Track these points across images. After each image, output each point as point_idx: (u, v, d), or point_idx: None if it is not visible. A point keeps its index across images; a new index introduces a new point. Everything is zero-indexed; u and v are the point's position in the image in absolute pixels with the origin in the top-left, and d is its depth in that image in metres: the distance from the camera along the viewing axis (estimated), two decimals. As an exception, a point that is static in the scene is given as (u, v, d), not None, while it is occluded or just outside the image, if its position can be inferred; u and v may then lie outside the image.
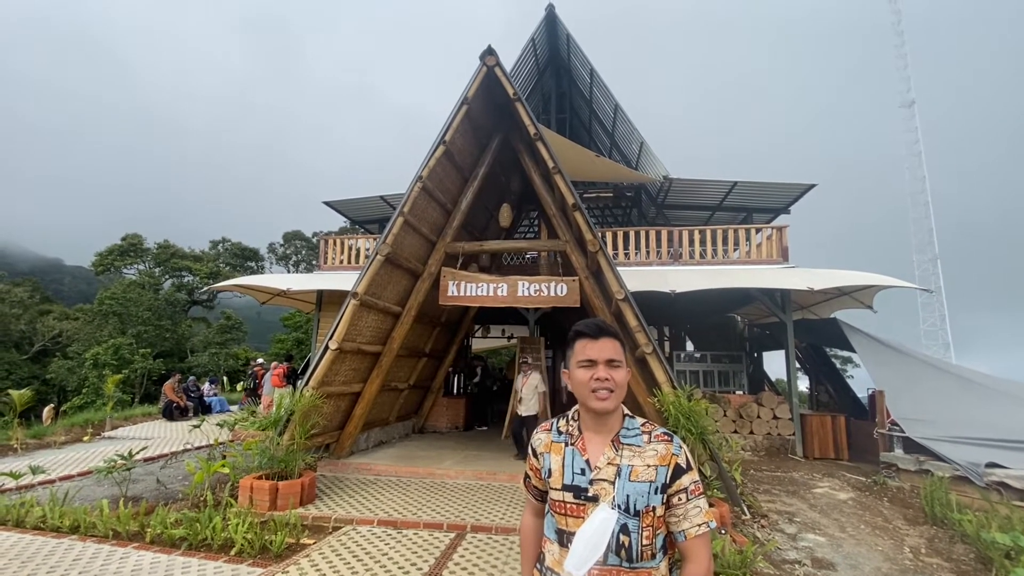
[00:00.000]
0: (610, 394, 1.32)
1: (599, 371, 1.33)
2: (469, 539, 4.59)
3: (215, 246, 34.35)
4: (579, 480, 1.34)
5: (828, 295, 9.92)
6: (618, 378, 1.34)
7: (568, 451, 1.39)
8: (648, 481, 1.28)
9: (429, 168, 6.31)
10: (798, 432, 9.11)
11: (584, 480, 1.33)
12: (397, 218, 6.22)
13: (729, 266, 10.12)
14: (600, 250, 5.87)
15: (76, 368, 22.84)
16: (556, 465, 1.39)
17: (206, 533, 4.33)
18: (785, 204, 13.83)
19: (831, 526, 5.46)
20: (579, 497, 1.32)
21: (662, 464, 1.29)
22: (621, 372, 1.35)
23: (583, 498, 1.32)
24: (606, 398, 1.32)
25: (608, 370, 1.33)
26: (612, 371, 1.33)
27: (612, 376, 1.33)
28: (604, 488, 1.30)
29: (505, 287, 7.12)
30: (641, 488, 1.28)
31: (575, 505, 1.32)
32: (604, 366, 1.33)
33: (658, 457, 1.30)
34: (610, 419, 1.37)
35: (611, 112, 15.85)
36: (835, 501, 6.37)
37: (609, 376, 1.32)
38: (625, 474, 1.29)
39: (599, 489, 1.31)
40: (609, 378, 1.32)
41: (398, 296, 7.13)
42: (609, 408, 1.33)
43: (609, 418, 1.36)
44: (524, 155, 7.29)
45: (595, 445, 1.36)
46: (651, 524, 1.27)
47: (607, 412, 1.35)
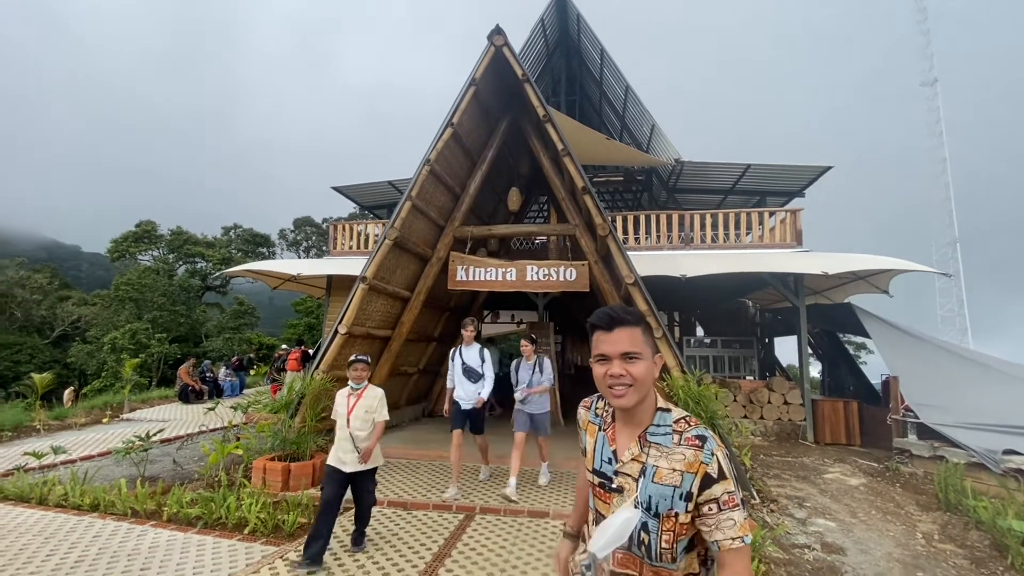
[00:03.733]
0: (627, 389, 1.22)
1: (613, 367, 1.23)
2: (478, 520, 4.64)
3: (227, 232, 34.63)
4: (606, 468, 1.32)
5: (843, 279, 9.76)
6: (636, 372, 1.22)
7: (600, 436, 1.36)
8: (672, 486, 1.19)
9: (437, 151, 6.25)
10: (809, 417, 9.04)
11: (610, 470, 1.30)
12: (405, 202, 6.19)
13: (741, 250, 9.97)
14: (610, 234, 5.80)
15: (95, 352, 23.34)
16: (590, 446, 1.38)
17: (220, 512, 4.42)
18: (800, 187, 13.56)
19: (842, 511, 5.44)
20: (605, 486, 1.31)
21: (689, 471, 1.18)
22: (640, 365, 1.22)
23: (608, 488, 1.30)
24: (622, 394, 1.23)
25: (624, 364, 1.22)
26: (628, 365, 1.22)
27: (629, 371, 1.22)
28: (628, 483, 1.26)
29: (514, 272, 7.09)
30: (665, 491, 1.20)
31: (602, 491, 1.32)
32: (619, 361, 1.22)
33: (685, 463, 1.19)
34: (639, 412, 1.28)
35: (622, 94, 15.57)
36: (846, 486, 6.33)
37: (624, 371, 1.22)
38: (649, 474, 1.23)
39: (623, 482, 1.27)
40: (624, 373, 1.22)
41: (407, 281, 7.13)
42: (627, 405, 1.24)
43: (637, 411, 1.27)
44: (533, 138, 7.19)
45: (624, 437, 1.31)
46: (672, 529, 1.19)
47: (628, 408, 1.26)
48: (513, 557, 3.83)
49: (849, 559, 4.32)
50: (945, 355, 8.23)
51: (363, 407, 3.93)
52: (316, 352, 10.71)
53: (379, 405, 4.01)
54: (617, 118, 17.17)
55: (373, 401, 3.99)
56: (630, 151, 13.21)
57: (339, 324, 6.13)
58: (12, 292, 26.89)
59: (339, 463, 3.81)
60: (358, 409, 3.91)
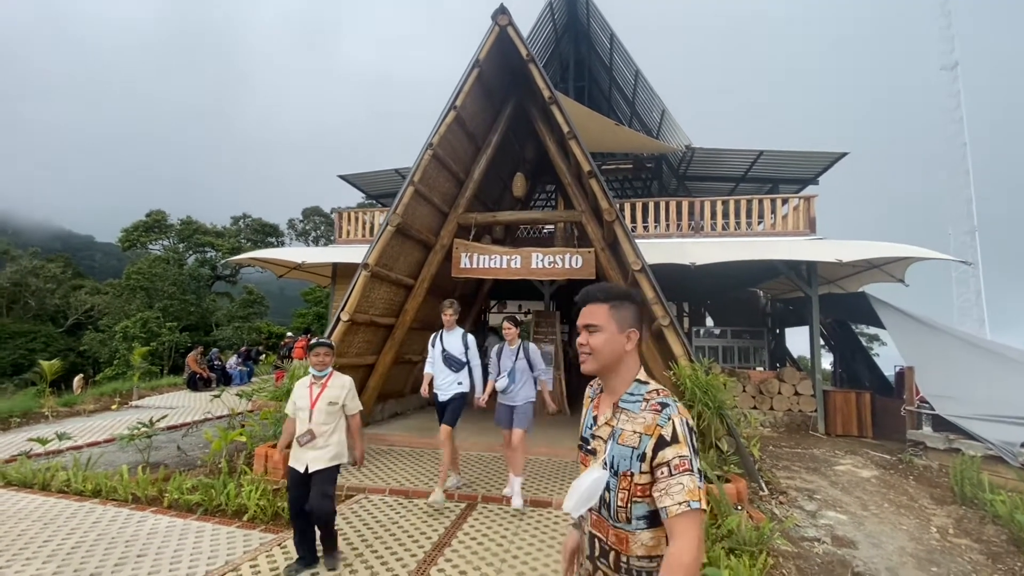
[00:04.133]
0: (588, 357, 1.36)
1: (580, 337, 1.38)
2: (480, 509, 4.57)
3: (236, 222, 34.76)
4: (586, 433, 1.45)
5: (857, 268, 9.51)
6: (594, 343, 1.35)
7: (590, 406, 1.49)
8: (631, 447, 1.27)
9: (439, 135, 6.11)
10: (820, 408, 8.87)
11: (588, 434, 1.44)
12: (407, 187, 6.07)
13: (753, 238, 9.75)
14: (616, 219, 5.65)
15: (107, 340, 23.64)
16: (583, 418, 1.53)
17: (221, 499, 4.39)
18: (814, 174, 13.25)
19: (853, 504, 5.30)
20: (583, 448, 1.45)
21: (646, 433, 1.25)
22: (599, 337, 1.34)
23: (586, 451, 1.43)
24: (584, 361, 1.37)
25: (586, 335, 1.36)
26: (589, 336, 1.36)
27: (588, 341, 1.36)
28: (600, 446, 1.37)
29: (519, 259, 6.96)
30: (624, 452, 1.28)
31: (583, 455, 1.45)
32: (583, 332, 1.37)
33: (644, 425, 1.26)
34: (617, 383, 1.37)
35: (631, 79, 15.27)
36: (858, 479, 6.19)
37: (586, 341, 1.36)
38: (616, 436, 1.32)
39: (596, 445, 1.38)
40: (585, 343, 1.36)
41: (410, 268, 7.04)
42: (587, 371, 1.38)
43: (616, 382, 1.37)
44: (539, 121, 7.02)
45: (605, 405, 1.41)
46: (627, 488, 1.26)
47: (590, 375, 1.42)
48: (514, 547, 3.76)
49: (860, 553, 4.20)
50: (962, 345, 7.99)
51: (327, 398, 3.43)
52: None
53: (348, 395, 3.52)
54: (627, 104, 16.86)
55: (340, 391, 3.50)
56: (639, 137, 12.95)
57: (341, 311, 6.06)
58: (26, 281, 27.28)
59: (299, 463, 3.34)
60: (322, 401, 3.41)
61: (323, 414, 3.38)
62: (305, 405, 3.41)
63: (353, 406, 3.56)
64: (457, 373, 4.78)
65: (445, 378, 4.79)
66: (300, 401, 3.44)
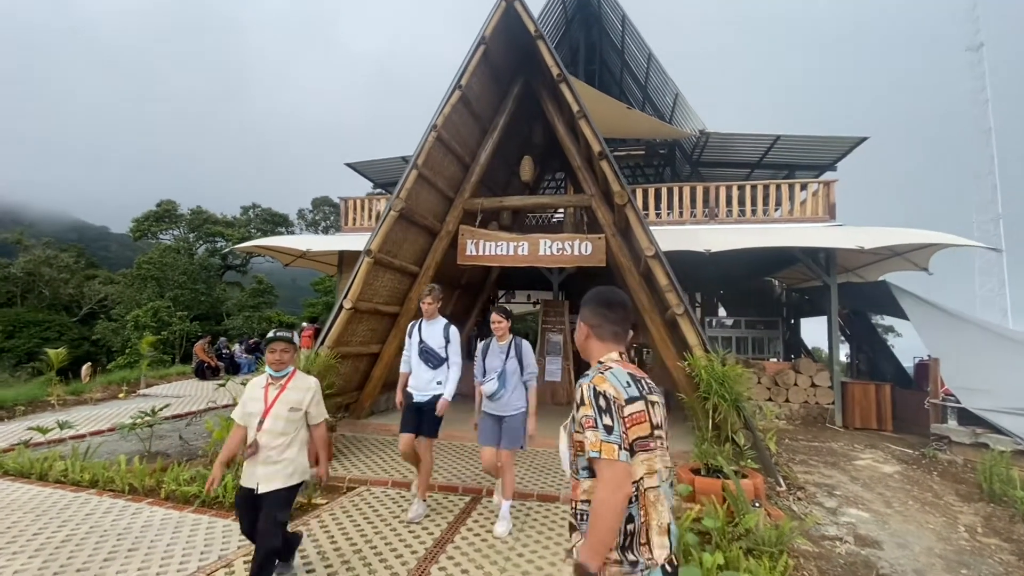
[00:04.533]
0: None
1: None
2: (485, 503, 4.40)
3: (246, 212, 34.81)
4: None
5: (878, 256, 9.15)
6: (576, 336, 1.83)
7: None
8: (572, 412, 1.54)
9: (444, 116, 5.88)
10: (838, 401, 8.59)
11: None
12: (411, 171, 5.86)
13: (770, 224, 9.42)
14: (628, 202, 5.39)
15: (119, 329, 23.86)
16: None
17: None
18: (832, 160, 12.85)
19: (875, 501, 5.06)
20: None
21: (574, 399, 1.54)
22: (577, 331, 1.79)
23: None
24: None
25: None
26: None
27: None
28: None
29: (526, 245, 6.74)
30: (572, 415, 1.55)
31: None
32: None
33: (577, 395, 1.51)
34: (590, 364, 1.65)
35: (644, 63, 14.86)
36: (879, 474, 5.93)
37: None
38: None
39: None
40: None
41: (415, 255, 6.85)
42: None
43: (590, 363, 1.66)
44: (547, 102, 6.76)
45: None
46: (572, 445, 1.55)
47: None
48: (519, 545, 3.58)
49: (886, 554, 3.97)
50: (989, 336, 7.65)
51: (287, 403, 2.80)
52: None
53: (312, 400, 2.90)
54: (639, 88, 16.44)
55: (303, 395, 2.86)
56: (651, 122, 12.60)
57: (344, 299, 5.90)
58: (39, 271, 27.56)
59: (250, 480, 2.74)
60: (279, 406, 2.78)
61: (280, 422, 2.76)
62: (258, 410, 2.78)
63: (318, 413, 2.96)
64: (436, 370, 4.07)
65: (422, 376, 4.08)
66: (252, 405, 2.81)
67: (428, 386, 4.06)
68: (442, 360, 4.08)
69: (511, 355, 3.88)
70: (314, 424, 2.96)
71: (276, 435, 2.76)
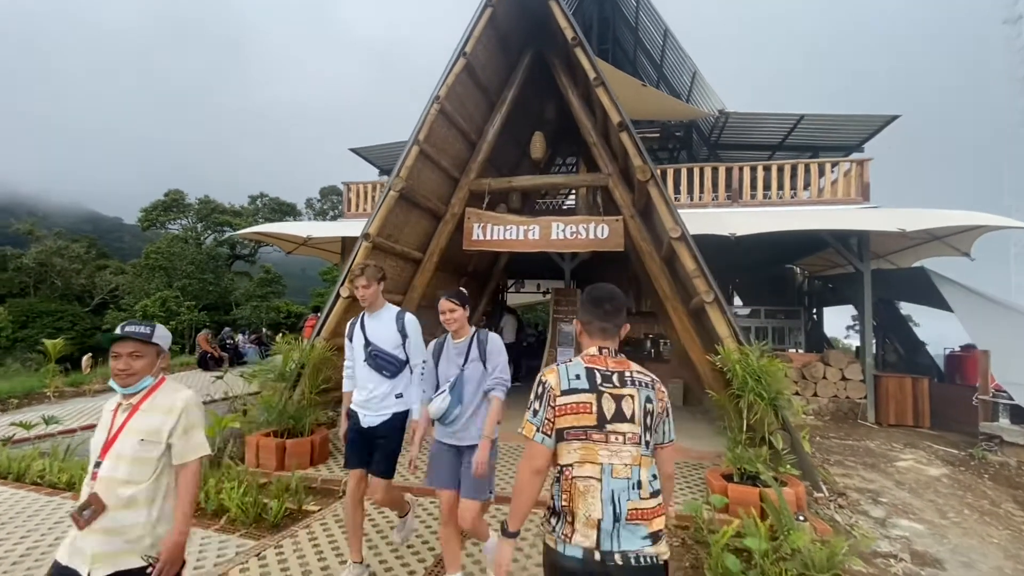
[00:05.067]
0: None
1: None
2: (493, 512, 3.98)
3: (254, 201, 34.62)
4: None
5: (915, 240, 8.51)
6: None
7: None
8: None
9: (447, 86, 5.38)
10: (870, 395, 8.04)
11: None
12: (411, 147, 5.38)
13: (797, 207, 8.81)
14: (652, 178, 4.87)
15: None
16: None
17: (200, 497, 3.88)
18: (859, 141, 12.17)
19: (927, 509, 4.56)
20: None
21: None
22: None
23: None
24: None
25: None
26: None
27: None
28: None
29: (537, 229, 6.25)
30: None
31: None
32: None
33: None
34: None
35: (660, 40, 14.18)
36: (926, 478, 5.42)
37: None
38: None
39: None
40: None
41: (418, 240, 6.40)
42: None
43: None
44: (560, 72, 6.22)
45: None
46: None
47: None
48: (531, 563, 3.16)
49: (949, 574, 3.49)
50: (1041, 327, 7.04)
51: (138, 430, 1.75)
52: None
53: (179, 428, 1.78)
54: (654, 68, 15.74)
55: (163, 420, 1.77)
56: (667, 100, 11.97)
57: (340, 286, 5.47)
58: (51, 261, 27.61)
59: (73, 557, 1.67)
60: (127, 435, 1.74)
61: (122, 462, 1.71)
62: (97, 444, 1.77)
63: (186, 448, 1.80)
64: (395, 379, 2.94)
65: (372, 390, 2.91)
66: (96, 435, 1.80)
67: (383, 403, 2.91)
68: (401, 364, 2.96)
69: (471, 356, 2.70)
70: (179, 464, 1.80)
71: (120, 483, 1.69)
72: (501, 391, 2.66)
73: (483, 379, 2.69)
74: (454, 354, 2.76)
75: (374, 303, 3.03)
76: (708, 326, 5.08)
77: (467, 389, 2.68)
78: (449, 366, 2.76)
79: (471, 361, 2.71)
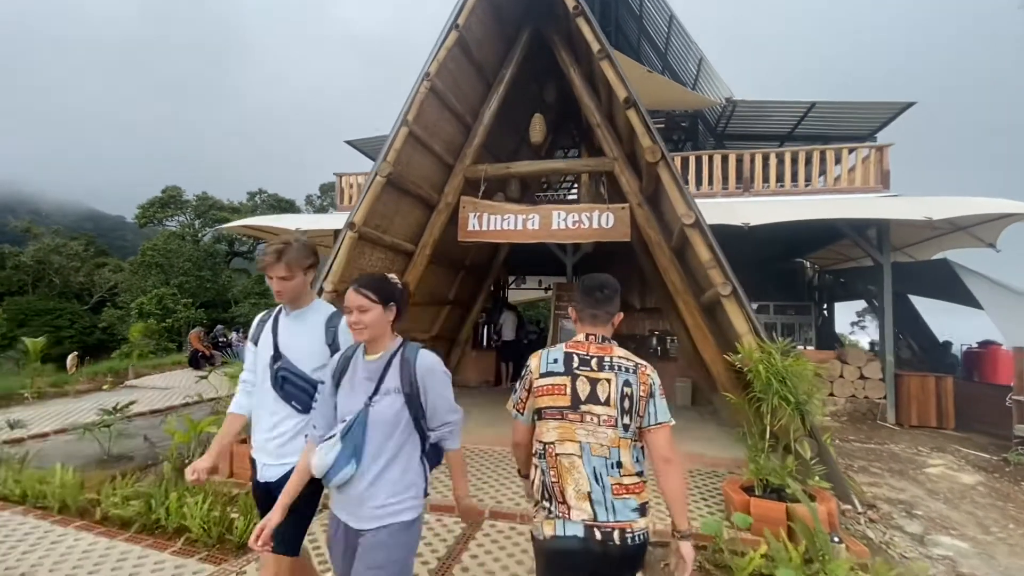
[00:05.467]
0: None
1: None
2: (487, 530, 3.58)
3: (252, 197, 34.27)
4: None
5: (938, 230, 8.04)
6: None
7: None
8: None
9: (438, 62, 4.95)
10: (891, 395, 7.61)
11: None
12: (399, 128, 4.96)
13: (813, 196, 8.36)
14: (662, 159, 4.44)
15: (125, 317, 23.54)
16: None
17: (160, 513, 3.49)
18: (871, 130, 11.71)
19: (968, 523, 4.13)
20: None
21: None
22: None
23: None
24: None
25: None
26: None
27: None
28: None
29: (537, 218, 5.82)
30: None
31: None
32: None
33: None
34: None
35: (664, 26, 13.69)
36: (960, 486, 4.99)
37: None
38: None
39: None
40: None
41: (409, 231, 5.98)
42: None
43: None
44: (561, 50, 5.78)
45: None
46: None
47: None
48: None
49: (1004, 603, 3.07)
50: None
51: None
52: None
53: None
54: (659, 57, 15.26)
55: None
56: (674, 88, 11.50)
57: (323, 281, 5.06)
58: (49, 259, 27.32)
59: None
60: None
61: None
62: None
63: None
64: (306, 414, 1.94)
65: (274, 427, 1.96)
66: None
67: (287, 447, 1.92)
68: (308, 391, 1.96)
69: (386, 385, 1.68)
70: None
71: None
72: (455, 439, 1.77)
73: (401, 423, 1.65)
74: (362, 378, 1.71)
75: (297, 299, 2.01)
76: (723, 322, 4.66)
77: (371, 437, 1.62)
78: (353, 396, 1.69)
79: (384, 393, 1.65)
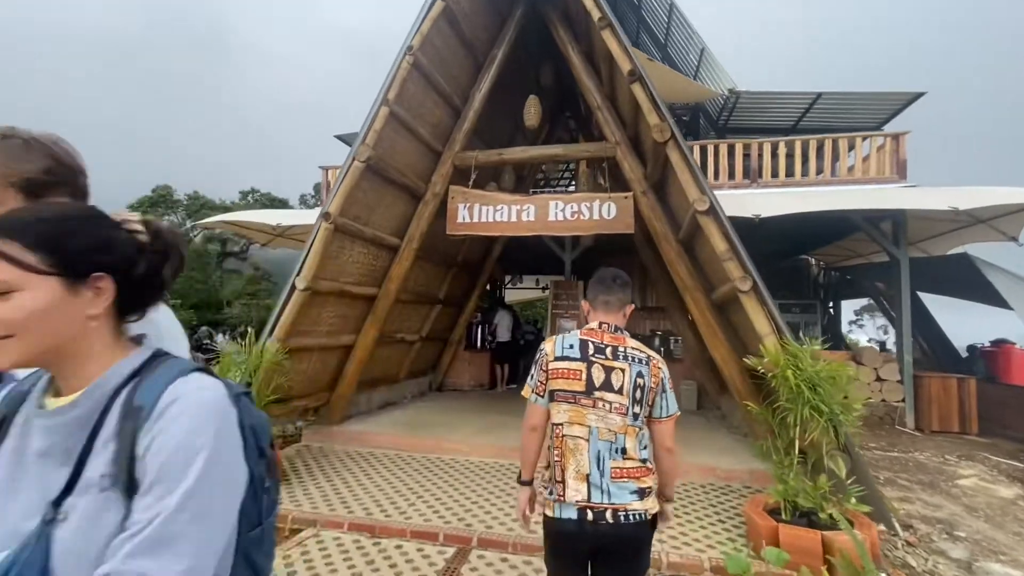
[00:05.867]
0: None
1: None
2: (474, 561, 3.10)
3: (245, 196, 33.70)
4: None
5: (957, 223, 7.60)
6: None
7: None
8: None
9: (422, 35, 4.48)
10: (910, 398, 7.16)
11: None
12: (379, 107, 4.50)
13: (824, 187, 7.91)
14: (672, 138, 3.97)
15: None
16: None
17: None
18: (879, 122, 11.30)
19: (1017, 546, 3.66)
20: None
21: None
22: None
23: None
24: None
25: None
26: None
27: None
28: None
29: (532, 209, 5.36)
30: None
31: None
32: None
33: None
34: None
35: (664, 16, 13.25)
36: (998, 500, 4.53)
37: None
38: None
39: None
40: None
41: (393, 223, 5.51)
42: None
43: None
44: (558, 26, 5.32)
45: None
46: None
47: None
48: None
49: (1081, 650, 2.61)
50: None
51: None
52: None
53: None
54: (658, 48, 14.82)
55: None
56: (677, 79, 11.06)
57: (296, 277, 4.58)
58: (34, 259, 26.72)
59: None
60: None
61: None
62: None
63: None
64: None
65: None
66: None
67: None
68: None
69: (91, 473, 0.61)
70: None
71: None
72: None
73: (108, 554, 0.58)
74: (36, 453, 0.65)
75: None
76: (738, 321, 4.20)
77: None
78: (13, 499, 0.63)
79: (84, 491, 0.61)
